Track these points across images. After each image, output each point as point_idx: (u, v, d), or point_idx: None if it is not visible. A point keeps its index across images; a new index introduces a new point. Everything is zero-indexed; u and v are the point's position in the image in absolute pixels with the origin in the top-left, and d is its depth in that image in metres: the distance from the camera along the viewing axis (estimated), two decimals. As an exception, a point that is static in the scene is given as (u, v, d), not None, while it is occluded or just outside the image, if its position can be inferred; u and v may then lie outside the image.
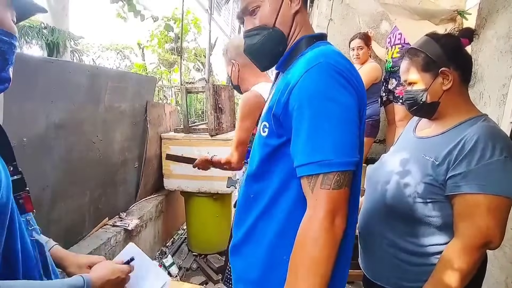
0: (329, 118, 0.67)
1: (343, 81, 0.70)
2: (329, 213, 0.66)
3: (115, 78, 2.14)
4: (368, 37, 2.99)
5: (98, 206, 2.23)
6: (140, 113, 2.67)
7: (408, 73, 1.06)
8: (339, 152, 0.66)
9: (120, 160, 2.47)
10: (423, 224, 0.99)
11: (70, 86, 1.75)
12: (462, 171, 0.91)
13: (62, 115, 1.73)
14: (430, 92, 1.02)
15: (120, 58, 8.07)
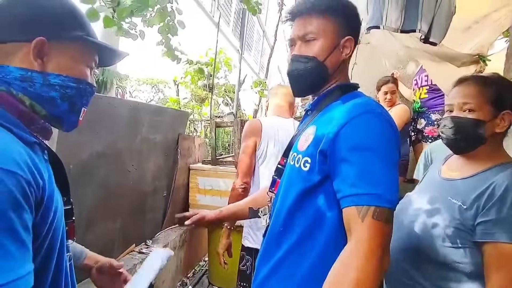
0: (383, 159, 0.73)
1: (389, 127, 0.78)
2: (382, 245, 0.67)
3: (153, 112, 2.34)
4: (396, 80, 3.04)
5: (127, 232, 2.33)
6: (172, 144, 2.83)
7: (470, 97, 1.00)
8: (390, 190, 0.70)
9: (150, 188, 2.59)
10: (453, 270, 0.96)
11: (113, 119, 1.94)
12: (492, 218, 0.89)
13: (104, 145, 1.90)
14: (486, 126, 0.98)
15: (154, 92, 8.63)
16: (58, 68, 0.68)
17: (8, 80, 0.64)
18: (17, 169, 0.55)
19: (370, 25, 1.37)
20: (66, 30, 0.69)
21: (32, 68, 0.65)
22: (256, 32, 11.96)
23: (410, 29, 1.36)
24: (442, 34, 1.36)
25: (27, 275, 0.54)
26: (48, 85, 0.67)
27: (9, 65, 0.64)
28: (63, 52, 0.69)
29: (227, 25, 8.71)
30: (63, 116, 0.73)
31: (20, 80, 0.64)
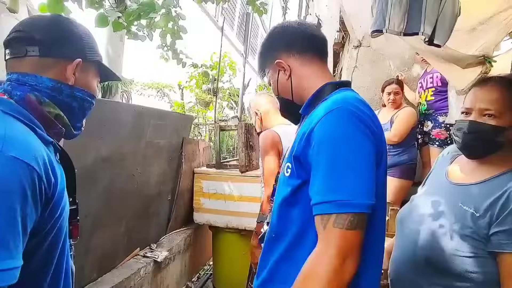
0: (346, 161, 0.69)
1: (362, 126, 0.72)
2: (341, 253, 0.65)
3: (157, 116, 2.35)
4: (401, 82, 3.02)
5: (131, 236, 2.33)
6: (176, 148, 2.84)
7: (492, 101, 0.94)
8: (354, 194, 0.67)
9: (155, 192, 2.60)
10: (463, 280, 0.91)
11: (118, 124, 1.96)
12: (508, 228, 0.85)
13: (108, 149, 1.91)
14: (506, 133, 0.93)
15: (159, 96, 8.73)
16: (82, 84, 0.81)
17: (40, 88, 0.74)
18: (33, 163, 0.60)
19: (373, 29, 1.36)
20: (92, 54, 0.84)
21: (63, 81, 0.77)
22: (260, 36, 12.00)
23: (413, 31, 1.33)
24: (446, 36, 1.34)
25: (14, 269, 0.56)
26: (73, 97, 0.80)
27: (42, 76, 0.74)
28: (87, 72, 0.83)
29: (231, 29, 8.76)
30: (76, 124, 0.85)
31: (51, 89, 0.75)
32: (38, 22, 0.79)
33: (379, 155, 0.76)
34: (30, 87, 0.73)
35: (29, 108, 0.71)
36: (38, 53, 0.74)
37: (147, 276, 2.30)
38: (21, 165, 0.58)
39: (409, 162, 2.74)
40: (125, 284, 2.04)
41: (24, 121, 0.68)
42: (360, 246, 0.68)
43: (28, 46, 0.73)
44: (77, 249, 0.90)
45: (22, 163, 0.59)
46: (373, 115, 0.79)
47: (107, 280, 1.97)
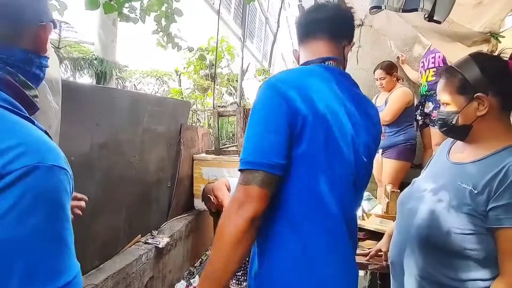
0: (252, 125, 0.80)
1: (272, 93, 0.80)
2: (235, 201, 0.75)
3: (154, 102, 2.31)
4: (390, 66, 2.97)
5: (132, 223, 2.34)
6: (174, 135, 2.81)
7: (442, 93, 1.04)
8: (250, 153, 0.77)
9: (154, 179, 2.59)
10: (461, 257, 0.93)
11: (114, 110, 1.92)
12: (505, 203, 0.85)
13: (105, 136, 1.88)
14: (462, 116, 0.98)
15: (158, 84, 8.64)
16: (45, 50, 0.68)
17: (13, 62, 0.60)
18: (65, 165, 0.55)
19: (372, 5, 1.31)
20: (49, 14, 0.69)
21: (33, 50, 0.64)
22: (258, 19, 11.75)
23: (412, 8, 1.29)
24: (446, 11, 1.29)
25: (79, 271, 0.56)
26: (40, 67, 0.67)
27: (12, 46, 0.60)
28: (47, 35, 0.68)
29: (228, 13, 8.56)
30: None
31: (23, 62, 0.62)
32: None
33: (300, 119, 0.79)
34: (2, 63, 0.59)
35: (11, 93, 0.58)
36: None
37: (149, 262, 2.31)
38: (60, 172, 0.53)
39: (405, 143, 2.74)
40: (127, 270, 2.05)
41: (21, 113, 0.57)
42: (259, 199, 0.75)
43: None
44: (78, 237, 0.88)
45: (60, 169, 0.53)
46: (301, 81, 0.83)
47: (109, 266, 1.98)
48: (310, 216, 0.82)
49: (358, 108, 0.91)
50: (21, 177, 0.47)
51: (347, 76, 0.95)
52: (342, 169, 0.84)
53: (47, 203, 0.50)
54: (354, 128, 0.87)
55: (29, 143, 0.51)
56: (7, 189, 0.47)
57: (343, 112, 0.85)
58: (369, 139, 0.92)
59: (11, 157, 0.48)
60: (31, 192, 0.48)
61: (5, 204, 0.46)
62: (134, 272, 2.14)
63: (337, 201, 0.84)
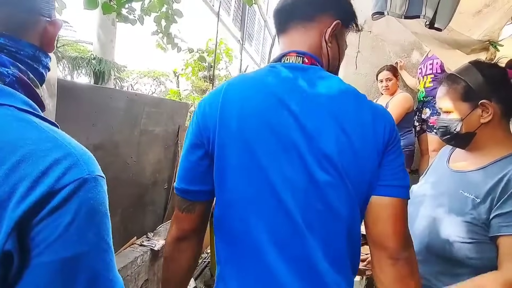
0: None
1: (194, 115, 0.75)
2: (171, 228, 0.80)
3: (151, 104, 2.29)
4: (395, 68, 3.01)
5: (127, 225, 2.31)
6: (172, 137, 2.80)
7: (444, 100, 1.02)
8: (177, 176, 0.76)
9: (151, 181, 2.57)
10: (462, 265, 0.92)
11: (110, 110, 1.90)
12: (509, 210, 0.84)
13: (101, 137, 1.86)
14: (465, 123, 0.97)
15: (156, 84, 8.61)
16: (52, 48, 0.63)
17: (22, 58, 0.55)
18: (102, 172, 0.52)
19: (374, 11, 1.32)
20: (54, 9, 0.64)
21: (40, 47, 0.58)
22: (257, 22, 11.77)
23: (414, 14, 1.30)
24: (447, 19, 1.30)
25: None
26: (46, 67, 0.62)
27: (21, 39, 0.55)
28: (56, 32, 0.63)
29: (227, 15, 8.57)
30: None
31: (32, 59, 0.57)
32: None
33: (207, 137, 0.69)
34: (12, 58, 0.53)
35: (25, 93, 0.53)
36: None
37: (144, 264, 2.29)
38: (103, 182, 0.51)
39: (404, 148, 2.74)
40: (122, 273, 2.02)
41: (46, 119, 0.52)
42: (181, 221, 0.77)
43: None
44: None
45: (103, 179, 0.50)
46: (214, 94, 0.72)
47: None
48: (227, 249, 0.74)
49: (315, 107, 0.68)
50: (75, 191, 0.45)
51: (306, 69, 0.72)
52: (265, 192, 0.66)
53: (99, 215, 0.49)
54: (305, 135, 0.65)
55: (74, 154, 0.48)
56: (64, 205, 0.44)
57: (282, 117, 0.66)
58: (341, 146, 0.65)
59: (61, 170, 0.45)
60: (86, 206, 0.46)
61: (63, 220, 0.44)
62: (129, 274, 2.11)
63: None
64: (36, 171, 0.44)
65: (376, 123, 0.69)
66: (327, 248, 0.67)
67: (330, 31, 0.74)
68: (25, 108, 0.50)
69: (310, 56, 0.73)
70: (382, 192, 0.69)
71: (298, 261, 0.66)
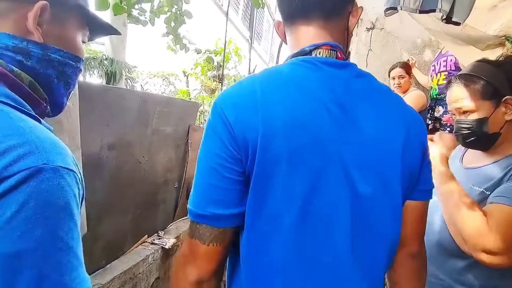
0: (197, 166, 0.63)
1: (212, 116, 0.61)
2: (182, 257, 0.63)
3: (163, 103, 2.32)
4: (408, 65, 2.97)
5: (139, 224, 2.34)
6: (182, 136, 2.82)
7: (462, 100, 0.98)
8: (192, 200, 0.61)
9: (162, 180, 2.59)
10: (474, 263, 0.90)
11: (124, 110, 1.93)
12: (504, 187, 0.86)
13: (114, 137, 1.89)
14: (491, 122, 0.94)
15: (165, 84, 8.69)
16: (57, 41, 0.58)
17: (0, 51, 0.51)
18: (73, 167, 0.48)
19: (387, 6, 1.29)
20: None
21: (29, 37, 0.53)
22: (266, 21, 11.76)
23: (430, 9, 1.27)
24: (466, 12, 1.25)
25: (90, 286, 0.50)
26: (47, 61, 0.56)
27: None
28: (63, 23, 0.59)
29: (236, 14, 8.59)
30: (57, 99, 0.62)
31: (13, 51, 0.52)
32: None
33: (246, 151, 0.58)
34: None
35: (8, 86, 0.50)
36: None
37: (155, 262, 2.31)
38: (69, 175, 0.46)
39: None
40: (134, 270, 2.05)
41: (25, 111, 0.50)
42: (205, 258, 0.60)
43: None
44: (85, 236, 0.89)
45: (68, 171, 0.46)
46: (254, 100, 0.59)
47: (116, 266, 1.98)
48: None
49: (357, 110, 0.62)
50: (24, 181, 0.41)
51: (344, 66, 0.66)
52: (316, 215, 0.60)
53: (54, 210, 0.43)
54: (343, 141, 0.60)
55: (33, 142, 0.44)
56: (8, 195, 0.40)
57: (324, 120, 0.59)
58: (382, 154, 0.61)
59: (12, 157, 0.41)
60: (35, 198, 0.41)
61: (6, 212, 0.40)
62: (141, 272, 2.14)
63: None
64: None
65: (417, 125, 0.67)
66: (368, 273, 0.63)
67: (355, 21, 0.70)
68: (2, 100, 0.48)
69: (341, 50, 0.68)
70: (417, 196, 0.68)
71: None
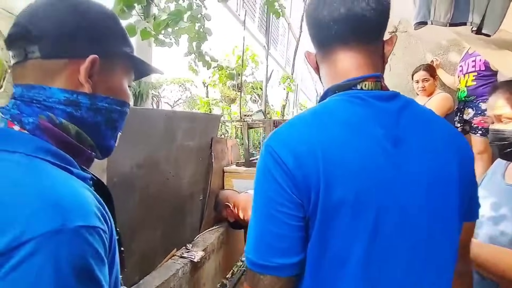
0: (253, 211, 0.61)
1: (266, 159, 0.59)
2: None
3: (187, 119, 2.36)
4: (432, 67, 2.88)
5: (167, 238, 2.38)
6: (206, 149, 2.85)
7: (503, 108, 0.94)
8: (254, 251, 0.60)
9: (187, 193, 2.63)
10: None
11: (151, 130, 1.98)
12: None
13: (143, 156, 1.94)
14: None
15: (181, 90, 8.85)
16: (105, 89, 0.62)
17: (51, 105, 0.55)
18: (96, 221, 0.48)
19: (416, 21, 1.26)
20: (117, 46, 0.63)
21: (77, 89, 0.57)
22: (281, 26, 11.78)
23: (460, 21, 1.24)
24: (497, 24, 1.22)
25: None
26: (95, 109, 0.60)
27: (51, 87, 0.55)
28: (111, 71, 0.63)
29: (252, 22, 8.67)
30: (106, 143, 0.67)
31: (64, 104, 0.56)
32: (36, 8, 0.55)
33: (309, 198, 0.56)
34: (40, 106, 0.55)
35: (48, 138, 0.54)
36: (40, 54, 0.54)
37: (185, 276, 2.34)
38: (89, 232, 0.45)
39: None
40: (165, 285, 2.09)
41: (55, 162, 0.52)
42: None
43: (27, 46, 0.53)
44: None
45: (89, 228, 0.45)
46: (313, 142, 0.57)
47: (148, 282, 2.02)
48: None
49: (410, 144, 0.61)
50: (40, 247, 0.39)
51: (391, 98, 0.65)
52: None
53: (73, 275, 0.41)
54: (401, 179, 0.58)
55: (50, 201, 0.43)
56: (24, 263, 0.38)
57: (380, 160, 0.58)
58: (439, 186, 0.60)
59: (29, 221, 0.41)
60: (53, 265, 0.39)
61: (22, 284, 0.38)
62: (172, 287, 2.17)
63: None
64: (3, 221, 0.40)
65: (467, 150, 0.68)
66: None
67: (390, 49, 0.71)
68: (35, 155, 0.50)
69: (383, 80, 0.68)
70: (469, 218, 0.68)
71: None
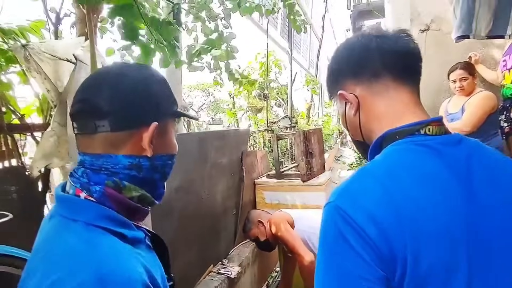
0: (321, 284, 0.54)
1: (336, 224, 0.53)
2: None
3: (218, 137, 2.39)
4: (471, 65, 2.69)
5: (204, 255, 2.43)
6: (237, 163, 2.88)
7: None
8: None
9: (221, 209, 2.67)
10: None
11: (186, 154, 2.02)
12: None
13: (180, 179, 1.99)
14: None
15: (205, 96, 9.00)
16: (162, 149, 0.66)
17: (117, 171, 0.61)
18: (136, 285, 0.51)
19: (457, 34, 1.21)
20: (169, 108, 0.68)
21: (140, 154, 0.63)
22: (302, 27, 11.65)
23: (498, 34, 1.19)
24: None
25: None
26: (153, 168, 0.65)
27: (117, 154, 0.61)
28: (166, 131, 0.68)
29: (274, 29, 8.66)
30: (158, 192, 0.72)
31: (129, 168, 0.62)
32: (102, 86, 0.61)
33: (394, 271, 0.51)
34: (107, 173, 0.61)
35: (112, 203, 0.60)
36: (109, 128, 0.59)
37: (223, 293, 2.37)
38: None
39: None
40: (206, 303, 2.12)
41: (112, 228, 0.57)
42: None
43: (97, 121, 0.59)
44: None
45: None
46: (391, 202, 0.52)
47: (189, 301, 2.07)
48: None
49: (485, 193, 0.56)
50: None
51: (458, 142, 0.59)
52: None
53: None
54: (483, 238, 0.54)
55: (97, 275, 0.48)
56: None
57: (461, 216, 0.53)
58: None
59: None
60: None
61: None
62: (212, 305, 2.20)
63: None
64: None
65: None
66: None
67: None
68: (94, 223, 0.55)
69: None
70: None
71: None
